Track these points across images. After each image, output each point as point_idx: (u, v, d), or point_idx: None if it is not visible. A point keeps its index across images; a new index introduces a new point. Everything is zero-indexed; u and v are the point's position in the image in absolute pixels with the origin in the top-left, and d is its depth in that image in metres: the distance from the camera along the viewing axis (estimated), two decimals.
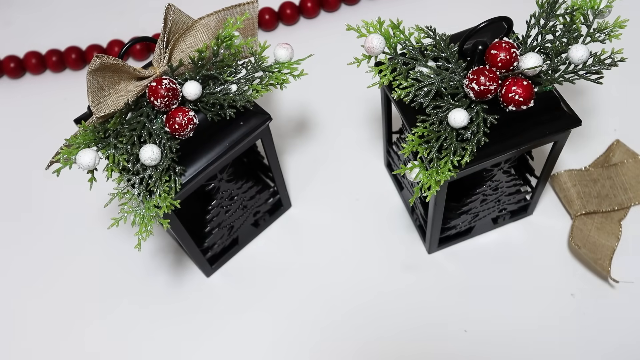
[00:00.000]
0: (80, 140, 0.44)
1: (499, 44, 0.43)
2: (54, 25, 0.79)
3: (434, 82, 0.44)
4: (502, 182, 0.54)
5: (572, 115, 0.47)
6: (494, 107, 0.44)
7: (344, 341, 0.55)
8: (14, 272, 0.61)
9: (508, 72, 0.43)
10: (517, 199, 0.57)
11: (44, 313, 0.59)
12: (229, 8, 0.47)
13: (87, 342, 0.57)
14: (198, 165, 0.47)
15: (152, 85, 0.44)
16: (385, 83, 0.45)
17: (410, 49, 0.45)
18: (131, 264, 0.60)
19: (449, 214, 0.55)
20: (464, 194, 0.54)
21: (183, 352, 0.56)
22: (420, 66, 0.45)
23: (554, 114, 0.47)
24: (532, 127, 0.46)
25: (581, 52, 0.44)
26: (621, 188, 0.60)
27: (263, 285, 0.59)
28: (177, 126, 0.44)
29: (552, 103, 0.47)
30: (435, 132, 0.44)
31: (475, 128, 0.44)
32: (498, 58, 0.42)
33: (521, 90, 0.42)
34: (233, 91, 0.47)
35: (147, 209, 0.44)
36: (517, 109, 0.43)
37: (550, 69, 0.45)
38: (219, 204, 0.55)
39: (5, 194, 0.66)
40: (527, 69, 0.43)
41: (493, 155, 0.45)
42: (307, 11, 0.76)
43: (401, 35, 0.45)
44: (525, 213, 0.60)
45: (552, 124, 0.47)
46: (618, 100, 0.67)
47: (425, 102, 0.44)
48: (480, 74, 0.42)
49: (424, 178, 0.44)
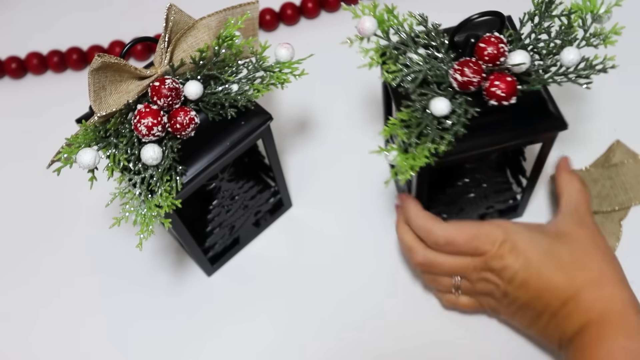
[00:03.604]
0: (81, 139, 0.44)
1: (489, 38, 0.43)
2: (56, 26, 0.80)
3: (422, 69, 0.45)
4: (488, 177, 0.55)
5: (558, 118, 0.46)
6: (479, 100, 0.45)
7: (344, 340, 0.55)
8: (15, 272, 0.61)
9: (495, 66, 0.44)
10: (506, 198, 0.58)
11: (44, 313, 0.59)
12: (230, 8, 0.48)
13: (87, 341, 0.57)
14: (199, 165, 0.47)
15: (155, 84, 0.44)
16: (374, 65, 0.46)
17: (403, 34, 0.46)
18: (132, 263, 0.61)
19: (434, 204, 0.56)
20: (449, 185, 0.55)
21: (184, 350, 0.56)
22: (410, 52, 0.45)
23: (540, 116, 0.47)
24: (516, 126, 0.46)
25: (572, 55, 0.44)
26: (621, 188, 0.60)
27: (264, 284, 0.59)
28: (179, 126, 0.44)
29: (539, 104, 0.47)
30: (417, 118, 0.44)
31: (456, 118, 0.44)
32: (485, 52, 0.43)
33: (504, 86, 0.43)
34: (234, 91, 0.47)
35: (148, 209, 0.45)
36: (498, 104, 0.44)
37: (540, 69, 0.45)
38: (220, 204, 0.55)
39: (6, 194, 0.67)
40: (512, 65, 0.44)
41: (473, 149, 0.46)
42: (308, 11, 0.76)
43: (394, 20, 0.46)
44: (514, 214, 0.60)
45: (536, 125, 0.46)
46: (618, 100, 0.67)
47: (411, 88, 0.45)
48: (465, 66, 0.43)
49: (400, 162, 0.44)
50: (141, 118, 0.43)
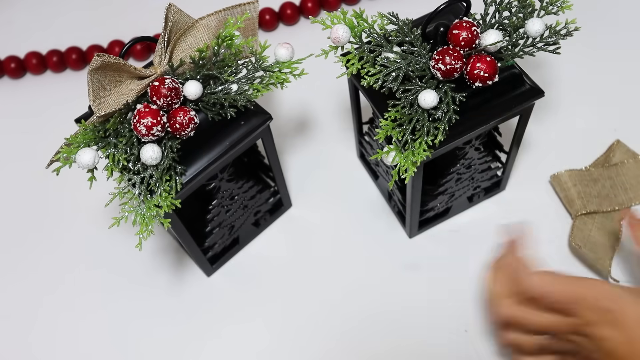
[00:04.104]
0: (81, 139, 0.44)
1: (460, 23, 0.44)
2: (55, 26, 0.80)
3: (401, 66, 0.45)
4: (475, 159, 0.56)
5: (534, 88, 0.49)
6: (461, 85, 0.46)
7: (344, 338, 0.55)
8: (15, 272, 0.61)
9: (471, 50, 0.45)
10: (490, 176, 0.59)
11: (43, 313, 0.59)
12: (229, 8, 0.47)
13: (87, 340, 0.57)
14: (199, 165, 0.47)
15: (155, 84, 0.44)
16: (354, 72, 0.46)
17: (375, 36, 0.46)
18: (132, 263, 0.60)
19: (426, 197, 0.56)
20: (438, 175, 0.56)
21: (183, 350, 0.56)
22: (386, 52, 0.46)
23: (518, 88, 0.49)
24: (499, 102, 0.48)
25: (537, 25, 0.46)
26: (621, 188, 0.60)
27: (263, 284, 0.59)
28: (178, 126, 0.44)
29: (515, 78, 0.49)
30: (407, 114, 0.45)
31: (445, 107, 0.45)
32: (460, 37, 0.44)
33: (485, 66, 0.44)
34: (234, 91, 0.47)
35: (148, 209, 0.44)
36: (483, 85, 0.45)
37: (510, 44, 0.47)
38: (220, 204, 0.55)
39: (6, 194, 0.66)
40: (489, 44, 0.45)
41: (466, 132, 0.47)
42: (308, 11, 0.76)
43: (365, 23, 0.46)
44: (498, 189, 0.61)
45: (517, 97, 0.48)
46: (618, 100, 0.67)
47: (394, 86, 0.45)
48: (445, 54, 0.43)
49: (401, 160, 0.45)
50: (140, 118, 0.43)
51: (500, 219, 0.60)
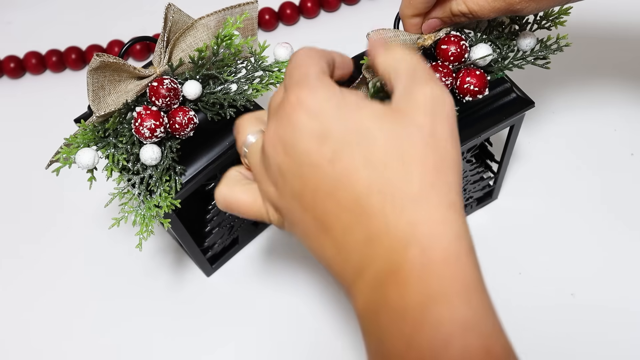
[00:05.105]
0: (80, 139, 0.44)
1: (448, 38, 0.44)
2: (54, 26, 0.80)
3: None
4: (467, 171, 0.56)
5: (525, 99, 0.49)
6: None
7: (347, 338, 0.55)
8: (15, 272, 0.61)
9: (460, 64, 0.44)
10: (482, 186, 0.59)
11: (43, 312, 0.59)
12: (229, 8, 0.47)
13: (85, 340, 0.57)
14: (198, 165, 0.47)
15: (153, 85, 0.44)
16: None
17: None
18: (132, 263, 0.60)
19: None
20: None
21: (183, 351, 0.56)
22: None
23: (508, 100, 0.49)
24: (489, 114, 0.48)
25: (529, 39, 0.46)
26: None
27: (263, 284, 0.59)
28: (178, 126, 0.44)
29: (504, 90, 0.49)
30: None
31: None
32: (449, 52, 0.44)
33: (475, 80, 0.44)
34: (233, 91, 0.47)
35: (147, 209, 0.44)
36: (473, 99, 0.44)
37: (499, 57, 0.47)
38: None
39: (5, 194, 0.66)
40: (478, 58, 0.44)
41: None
42: (307, 11, 0.76)
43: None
44: (490, 198, 0.61)
45: (508, 108, 0.49)
46: (618, 100, 0.67)
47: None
48: (435, 71, 0.43)
49: None
50: (142, 121, 0.43)
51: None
